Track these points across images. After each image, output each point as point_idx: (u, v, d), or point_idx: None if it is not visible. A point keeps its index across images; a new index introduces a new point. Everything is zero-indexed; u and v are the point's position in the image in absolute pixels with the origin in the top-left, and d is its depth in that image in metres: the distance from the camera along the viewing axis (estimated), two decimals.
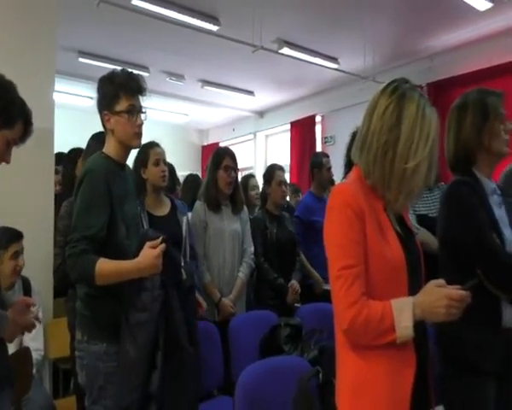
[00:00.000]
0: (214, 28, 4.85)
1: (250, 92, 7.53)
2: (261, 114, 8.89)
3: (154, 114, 8.52)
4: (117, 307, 1.55)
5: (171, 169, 3.03)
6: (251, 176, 3.58)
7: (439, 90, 5.45)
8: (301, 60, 5.71)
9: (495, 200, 1.53)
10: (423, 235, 2.14)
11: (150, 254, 1.49)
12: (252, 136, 9.17)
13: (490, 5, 4.33)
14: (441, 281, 1.09)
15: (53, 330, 2.59)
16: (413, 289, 1.15)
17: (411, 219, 2.23)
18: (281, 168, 3.07)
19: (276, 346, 2.22)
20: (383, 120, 1.14)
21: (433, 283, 1.09)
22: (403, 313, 1.05)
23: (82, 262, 1.46)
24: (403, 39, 5.36)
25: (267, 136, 9.18)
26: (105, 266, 1.47)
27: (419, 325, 1.18)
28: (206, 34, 4.91)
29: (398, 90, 1.16)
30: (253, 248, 2.75)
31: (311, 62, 5.75)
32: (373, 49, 5.34)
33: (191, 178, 3.73)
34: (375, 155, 1.15)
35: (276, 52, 5.42)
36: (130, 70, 1.71)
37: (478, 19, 4.73)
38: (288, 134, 8.06)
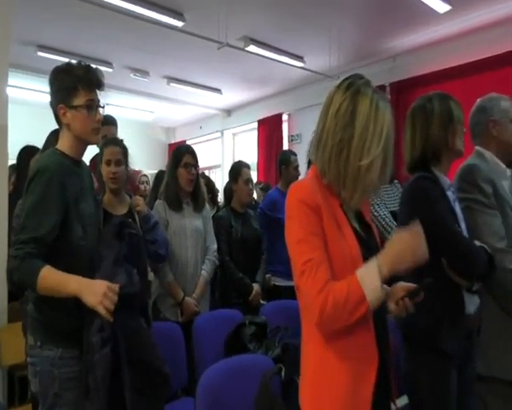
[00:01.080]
0: (179, 24, 4.77)
1: (217, 90, 7.47)
2: (228, 112, 8.85)
3: (118, 111, 8.31)
4: (71, 310, 1.48)
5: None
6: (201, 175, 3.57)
7: (401, 90, 5.59)
8: (268, 58, 5.71)
9: (450, 196, 1.60)
10: None
11: (100, 287, 1.36)
12: (219, 134, 9.11)
13: (449, 8, 4.46)
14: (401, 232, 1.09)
15: (7, 336, 2.47)
16: None
17: (387, 217, 2.26)
18: (247, 166, 3.04)
19: (241, 345, 2.21)
20: (338, 118, 1.14)
21: (393, 237, 1.10)
22: (368, 276, 1.05)
23: (25, 267, 1.37)
24: (367, 40, 5.45)
25: (234, 134, 9.15)
26: (48, 277, 1.37)
27: (379, 318, 1.19)
28: (171, 30, 4.83)
29: (352, 87, 1.16)
30: (215, 246, 2.72)
31: (277, 61, 5.77)
32: (338, 48, 5.40)
33: (161, 174, 3.65)
34: (330, 153, 1.15)
35: (243, 50, 5.40)
36: (87, 63, 1.64)
37: (438, 21, 4.86)
38: (256, 132, 8.05)
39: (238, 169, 3.02)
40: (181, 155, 2.60)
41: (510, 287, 1.61)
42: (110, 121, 2.75)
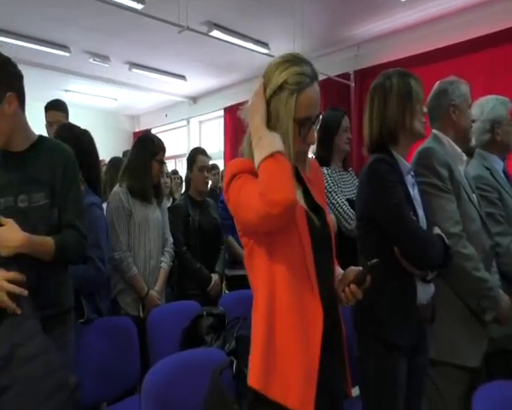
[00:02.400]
0: (139, 6, 4.58)
1: (182, 77, 7.29)
2: (194, 99, 8.67)
3: (79, 98, 8.00)
4: None
5: None
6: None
7: (365, 78, 5.60)
8: (232, 44, 5.59)
9: (409, 180, 1.55)
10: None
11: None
12: (185, 122, 8.93)
13: None
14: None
15: None
16: (322, 266, 1.16)
17: (344, 204, 2.22)
18: (204, 153, 2.94)
19: (198, 337, 2.14)
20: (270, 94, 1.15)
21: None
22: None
23: None
24: (331, 27, 5.42)
25: (201, 122, 8.99)
26: None
27: (333, 305, 1.16)
28: (131, 13, 4.63)
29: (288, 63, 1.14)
30: (172, 238, 2.65)
31: (242, 47, 5.65)
32: (302, 35, 5.34)
33: (117, 161, 3.50)
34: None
35: (206, 35, 5.26)
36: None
37: (400, 9, 4.89)
38: (222, 120, 7.93)
39: (193, 156, 2.92)
40: (158, 149, 2.54)
41: (461, 271, 1.62)
42: (56, 106, 2.60)
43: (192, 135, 8.95)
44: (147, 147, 2.52)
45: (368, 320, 1.49)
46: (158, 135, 2.72)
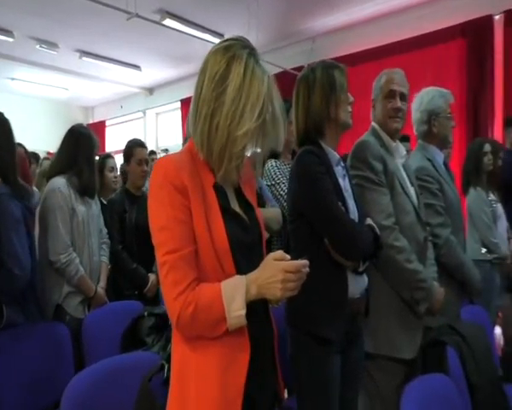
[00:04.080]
0: None
1: (136, 67, 7.07)
2: (150, 90, 8.45)
3: (26, 87, 7.60)
4: None
5: None
6: (108, 156, 3.27)
7: None
8: (188, 34, 5.46)
9: (339, 171, 1.53)
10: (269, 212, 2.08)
11: None
12: (141, 114, 8.69)
13: None
14: (279, 253, 1.01)
15: None
16: (249, 272, 1.07)
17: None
18: (142, 145, 2.80)
19: (138, 339, 2.05)
20: (213, 85, 1.02)
21: (270, 256, 1.01)
22: (234, 300, 0.96)
23: None
24: (286, 19, 5.39)
25: (157, 114, 8.77)
26: None
27: (261, 305, 1.11)
28: None
29: (229, 51, 1.04)
30: (106, 229, 2.53)
31: (198, 38, 5.53)
32: (257, 27, 5.28)
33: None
34: (204, 123, 1.02)
35: (159, 23, 5.11)
36: None
37: (356, 2, 4.92)
38: (179, 112, 7.77)
39: (131, 148, 2.75)
40: (96, 143, 2.42)
41: (393, 263, 1.62)
42: None
43: (148, 127, 8.72)
44: (88, 140, 2.38)
45: (300, 316, 1.46)
46: (113, 127, 2.59)
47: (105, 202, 2.82)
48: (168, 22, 5.21)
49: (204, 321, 0.96)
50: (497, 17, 4.48)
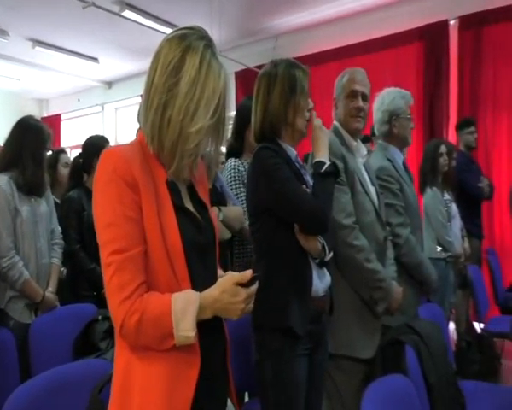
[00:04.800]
0: None
1: (93, 59, 6.80)
2: (109, 84, 8.17)
3: None
4: None
5: None
6: (62, 151, 3.12)
7: None
8: (148, 27, 5.31)
9: (298, 167, 1.50)
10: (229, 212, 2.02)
11: None
12: (100, 108, 8.38)
13: None
14: (241, 277, 0.95)
15: None
16: (203, 275, 1.01)
17: None
18: (106, 140, 2.70)
19: (92, 344, 1.95)
20: (166, 75, 0.95)
21: (231, 279, 0.94)
22: (184, 319, 0.89)
23: None
24: (249, 17, 5.35)
25: (117, 108, 8.49)
26: None
27: (215, 325, 1.05)
28: None
29: (185, 40, 0.98)
30: (59, 228, 2.39)
31: (158, 31, 5.38)
32: (219, 23, 5.22)
33: None
34: (155, 115, 0.96)
35: (118, 14, 4.93)
36: None
37: (316, 3, 4.94)
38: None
39: (100, 144, 2.65)
40: (47, 137, 2.26)
41: (353, 262, 1.62)
42: None
43: (107, 122, 8.43)
44: (36, 134, 2.23)
45: (265, 312, 1.40)
46: (70, 121, 2.44)
47: (58, 201, 2.68)
48: (127, 14, 5.03)
49: (150, 334, 0.90)
50: (452, 22, 4.63)
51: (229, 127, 2.28)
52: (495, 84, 4.41)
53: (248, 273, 0.95)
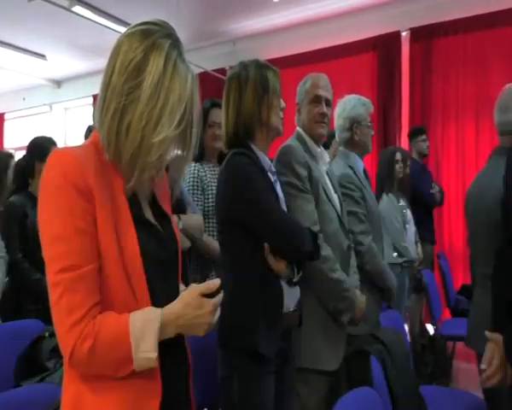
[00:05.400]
0: None
1: (41, 55, 6.43)
2: (58, 83, 7.78)
3: None
4: None
5: None
6: (11, 156, 2.90)
7: None
8: (100, 25, 5.09)
9: (271, 177, 1.46)
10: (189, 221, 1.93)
11: None
12: (47, 108, 7.96)
13: None
14: (207, 286, 0.88)
15: None
16: (164, 293, 0.92)
17: None
18: (53, 142, 2.52)
19: (38, 364, 1.79)
20: (126, 74, 0.86)
21: (195, 290, 0.87)
22: (144, 339, 0.81)
23: None
24: (207, 19, 5.28)
25: (66, 109, 8.10)
26: None
27: (177, 344, 0.97)
28: None
29: (148, 37, 0.88)
30: (2, 242, 2.22)
31: (111, 29, 5.17)
32: (176, 24, 5.05)
33: None
34: (113, 119, 0.86)
35: (68, 10, 4.69)
36: None
37: (274, 9, 4.95)
38: (91, 108, 7.24)
39: (45, 146, 2.46)
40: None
41: (317, 273, 1.58)
42: None
43: (56, 123, 8.02)
44: None
45: (233, 333, 1.35)
46: (14, 121, 2.23)
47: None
48: (78, 9, 4.80)
49: (105, 359, 0.81)
50: (404, 33, 4.79)
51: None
52: (444, 95, 4.60)
53: (215, 282, 0.88)
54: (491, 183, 1.47)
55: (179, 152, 0.95)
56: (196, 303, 0.86)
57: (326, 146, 3.08)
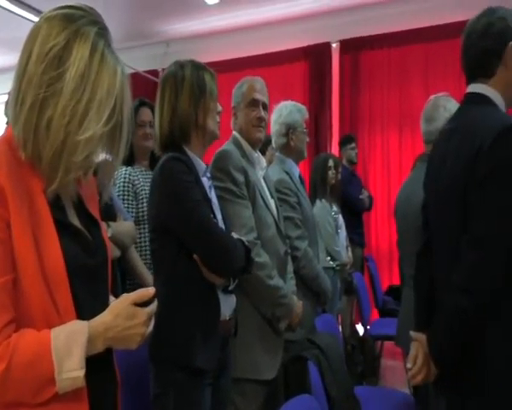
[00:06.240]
0: None
1: None
2: None
3: None
4: None
5: None
6: None
7: None
8: (18, 15, 4.71)
9: (206, 182, 1.42)
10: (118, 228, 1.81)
11: None
12: None
13: (217, 0, 4.52)
14: (139, 294, 0.82)
15: None
16: (91, 305, 0.83)
17: None
18: None
19: None
20: (45, 64, 0.77)
21: (127, 299, 0.81)
22: (70, 355, 0.72)
23: None
24: (138, 18, 5.10)
25: None
26: None
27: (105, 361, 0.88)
28: None
29: (71, 23, 0.80)
30: None
31: (29, 20, 4.80)
32: (105, 22, 4.87)
33: None
34: (29, 115, 0.77)
35: None
36: None
37: (208, 12, 4.90)
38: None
39: None
40: None
41: (254, 280, 1.56)
42: None
43: None
44: None
45: (166, 346, 1.28)
46: None
47: None
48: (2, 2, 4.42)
49: (22, 383, 0.71)
50: (334, 45, 4.97)
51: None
52: (370, 105, 4.84)
53: (149, 290, 0.83)
54: (417, 188, 1.54)
55: (108, 152, 0.87)
56: (128, 313, 0.79)
57: (262, 152, 3.09)
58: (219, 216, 1.42)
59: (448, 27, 4.17)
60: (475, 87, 1.28)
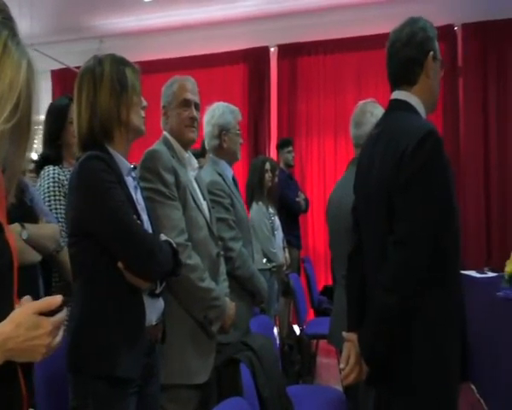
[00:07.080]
0: None
1: None
2: None
3: None
4: None
5: None
6: None
7: None
8: None
9: (130, 182, 1.35)
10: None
11: None
12: None
13: None
14: (45, 303, 0.75)
15: None
16: None
17: None
18: None
19: None
20: None
21: (30, 308, 0.74)
22: None
23: None
24: (68, 12, 4.86)
25: None
26: None
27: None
28: None
29: None
30: None
31: None
32: (30, 14, 4.56)
33: None
34: None
35: None
36: None
37: (144, 10, 4.78)
38: None
39: None
40: None
41: (186, 282, 1.52)
42: None
43: None
44: None
45: (85, 355, 1.20)
46: None
47: None
48: None
49: None
50: (272, 49, 5.04)
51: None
52: (307, 110, 4.97)
53: (56, 298, 0.77)
54: (348, 191, 1.59)
55: (15, 150, 0.80)
56: (31, 323, 0.73)
57: (202, 155, 3.06)
58: (145, 217, 1.37)
59: (379, 38, 4.38)
60: (399, 94, 1.35)
